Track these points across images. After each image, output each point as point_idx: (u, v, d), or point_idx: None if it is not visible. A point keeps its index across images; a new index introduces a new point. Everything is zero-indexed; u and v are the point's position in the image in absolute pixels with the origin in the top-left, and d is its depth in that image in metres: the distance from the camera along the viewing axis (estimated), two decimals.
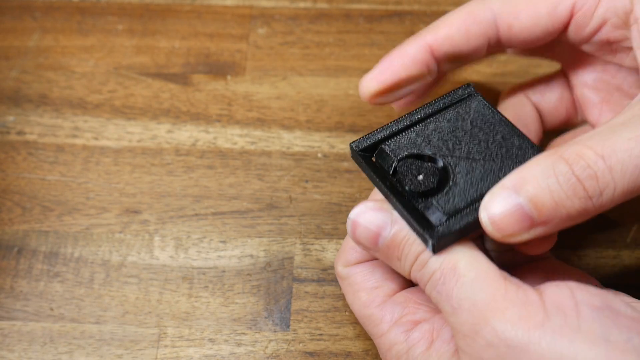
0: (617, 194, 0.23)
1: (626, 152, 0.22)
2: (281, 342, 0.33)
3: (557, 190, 0.23)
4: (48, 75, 0.41)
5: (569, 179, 0.23)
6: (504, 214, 0.24)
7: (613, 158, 0.23)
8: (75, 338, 0.34)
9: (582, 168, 0.23)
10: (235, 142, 0.39)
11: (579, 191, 0.23)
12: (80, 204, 0.37)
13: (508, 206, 0.23)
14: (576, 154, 0.23)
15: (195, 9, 0.43)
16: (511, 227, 0.24)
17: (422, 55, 0.29)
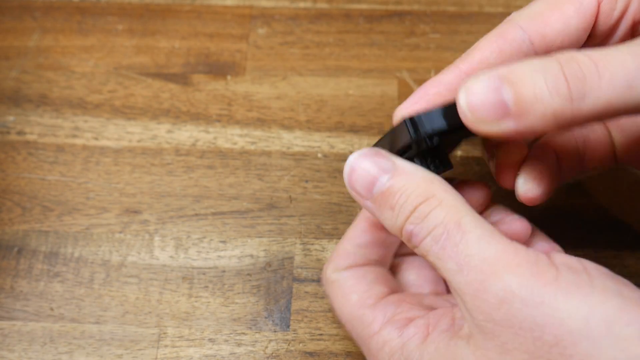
0: (599, 103, 0.22)
1: (620, 64, 0.22)
2: (281, 342, 0.33)
3: (541, 84, 0.22)
4: (48, 75, 0.41)
5: (557, 75, 0.22)
6: (482, 94, 0.23)
7: (606, 66, 0.22)
8: (75, 338, 0.34)
9: (572, 69, 0.22)
10: (235, 142, 0.39)
11: (563, 89, 0.22)
12: (80, 204, 0.37)
13: (488, 87, 0.23)
14: (571, 56, 0.22)
15: (195, 9, 0.43)
16: (485, 111, 0.23)
17: (458, 82, 0.28)
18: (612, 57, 0.22)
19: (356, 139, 0.39)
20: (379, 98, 0.40)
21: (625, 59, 0.22)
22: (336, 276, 0.30)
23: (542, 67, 0.22)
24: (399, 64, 0.41)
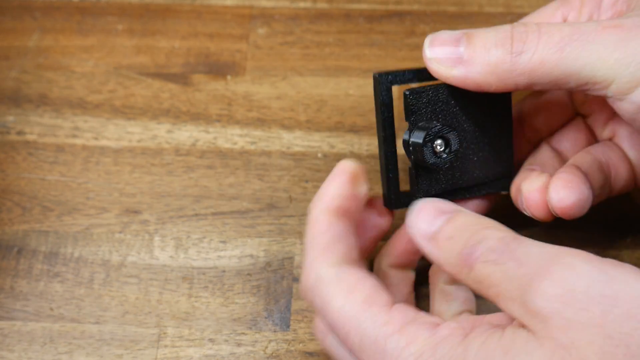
0: (533, 60, 0.26)
1: (559, 30, 0.26)
2: (281, 342, 0.33)
3: (492, 37, 0.27)
4: (48, 75, 0.41)
5: (505, 33, 0.27)
6: (444, 40, 0.28)
7: (547, 31, 0.26)
8: (75, 338, 0.34)
9: (519, 30, 0.26)
10: (235, 142, 0.39)
11: (506, 43, 0.26)
12: (80, 204, 0.37)
13: (450, 37, 0.27)
14: (524, 22, 0.27)
15: (195, 9, 0.43)
16: (443, 55, 0.27)
17: None
18: (556, 25, 0.26)
19: (356, 139, 0.39)
20: None
21: (564, 28, 0.26)
22: (334, 271, 0.27)
23: (498, 27, 0.27)
24: (399, 64, 0.41)
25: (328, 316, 0.26)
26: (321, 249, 0.27)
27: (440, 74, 0.28)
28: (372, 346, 0.25)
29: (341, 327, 0.25)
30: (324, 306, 0.26)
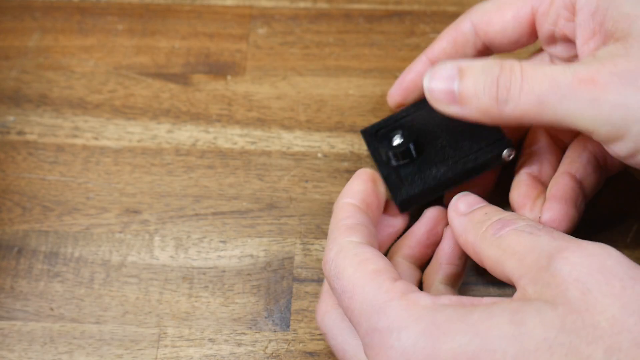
0: (517, 110, 0.27)
1: (539, 82, 0.27)
2: (281, 342, 0.33)
3: (480, 83, 0.28)
4: (48, 75, 0.41)
5: (492, 80, 0.27)
6: (439, 80, 0.29)
7: (527, 81, 0.27)
8: (76, 338, 0.34)
9: (504, 77, 0.27)
10: (235, 142, 0.39)
11: (493, 92, 0.27)
12: (80, 204, 0.37)
13: (446, 76, 0.29)
14: (510, 66, 0.27)
15: (195, 9, 0.43)
16: (440, 94, 0.29)
17: (425, 69, 0.33)
18: (538, 74, 0.27)
19: (356, 139, 0.39)
20: (379, 98, 0.40)
21: (544, 79, 0.27)
22: (354, 245, 0.28)
23: (487, 69, 0.28)
24: (399, 64, 0.41)
25: (339, 284, 0.27)
26: (345, 229, 0.29)
27: (438, 109, 0.29)
28: (370, 309, 0.25)
29: (347, 292, 0.26)
30: (337, 275, 0.27)
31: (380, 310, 0.25)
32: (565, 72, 0.26)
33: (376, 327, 0.25)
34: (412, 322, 0.24)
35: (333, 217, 0.30)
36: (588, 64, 0.27)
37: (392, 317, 0.25)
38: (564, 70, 0.27)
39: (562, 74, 0.27)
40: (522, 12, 0.32)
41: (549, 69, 0.27)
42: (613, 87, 0.25)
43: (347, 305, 0.26)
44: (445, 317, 0.24)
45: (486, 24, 0.33)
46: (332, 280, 0.28)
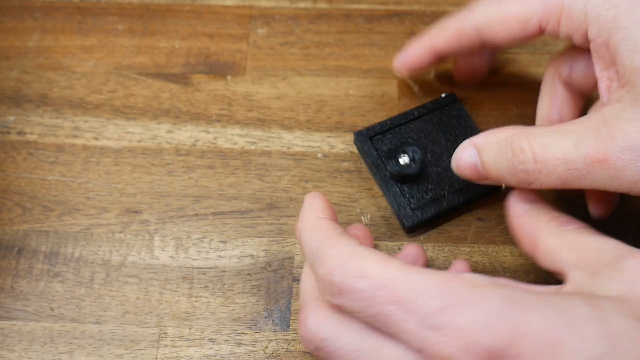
0: (544, 187, 0.29)
1: (556, 168, 0.28)
2: (281, 342, 0.34)
3: (502, 168, 0.29)
4: (48, 75, 0.41)
5: (510, 165, 0.29)
6: (464, 165, 0.31)
7: (543, 164, 0.28)
8: (76, 338, 0.34)
9: (519, 162, 0.28)
10: (236, 142, 0.39)
11: (515, 176, 0.29)
12: (80, 204, 0.37)
13: (468, 161, 0.31)
14: (520, 148, 0.28)
15: (195, 9, 0.43)
16: (468, 174, 0.31)
17: (428, 54, 0.36)
18: (550, 157, 0.28)
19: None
20: (379, 98, 0.40)
21: (558, 163, 0.27)
22: (360, 247, 0.27)
23: (504, 149, 0.29)
24: None
25: (366, 283, 0.25)
26: (339, 236, 0.28)
27: (471, 180, 0.32)
28: (428, 292, 0.24)
29: (388, 285, 0.25)
30: (360, 275, 0.26)
31: (443, 291, 0.24)
32: (577, 149, 0.27)
33: (442, 307, 0.24)
34: (487, 298, 0.24)
35: (313, 234, 0.29)
36: (597, 136, 0.27)
37: (460, 294, 0.24)
38: (576, 147, 0.27)
39: (574, 153, 0.27)
40: (530, 27, 0.31)
41: (559, 150, 0.27)
42: (627, 164, 0.26)
43: (388, 298, 0.25)
44: (519, 294, 0.24)
45: (492, 31, 0.32)
46: (350, 282, 0.26)
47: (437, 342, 0.23)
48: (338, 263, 0.26)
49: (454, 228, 0.36)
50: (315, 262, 0.27)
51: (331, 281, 0.26)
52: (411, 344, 0.24)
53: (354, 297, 0.25)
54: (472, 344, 0.23)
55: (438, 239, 0.36)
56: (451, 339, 0.23)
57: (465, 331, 0.23)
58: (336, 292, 0.26)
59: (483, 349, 0.23)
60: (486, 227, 0.36)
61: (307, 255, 0.28)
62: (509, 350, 0.23)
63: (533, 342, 0.23)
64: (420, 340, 0.24)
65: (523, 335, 0.23)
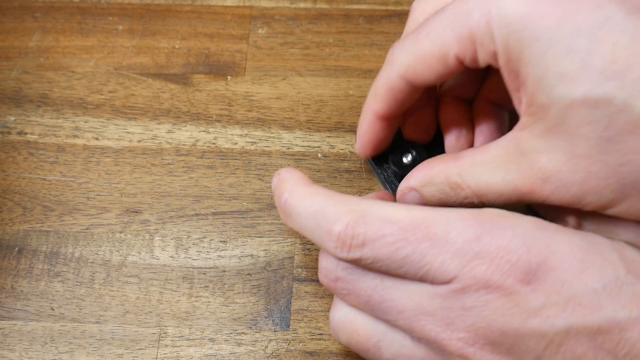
0: (479, 205, 0.29)
1: (493, 194, 0.28)
2: (281, 341, 0.34)
3: (447, 201, 0.30)
4: (49, 76, 0.41)
5: (456, 200, 0.30)
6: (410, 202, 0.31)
7: (484, 196, 0.29)
8: (76, 338, 0.34)
9: (463, 197, 0.29)
10: (236, 142, 0.39)
11: (463, 204, 0.29)
12: (80, 204, 0.37)
13: (412, 201, 0.31)
14: (457, 185, 0.29)
15: (196, 9, 0.44)
16: None
17: (377, 124, 0.33)
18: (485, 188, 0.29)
19: None
20: None
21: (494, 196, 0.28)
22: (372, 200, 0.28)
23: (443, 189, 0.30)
24: None
25: (395, 227, 0.26)
26: (344, 195, 0.28)
27: None
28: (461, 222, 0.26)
29: (421, 223, 0.26)
30: (387, 222, 0.26)
31: (476, 221, 0.26)
32: (506, 185, 0.28)
33: (479, 234, 0.25)
34: (518, 223, 0.26)
35: (309, 198, 0.28)
36: (519, 169, 0.27)
37: (493, 222, 0.26)
38: (505, 182, 0.28)
39: (505, 188, 0.28)
40: (450, 63, 0.29)
41: (493, 186, 0.28)
42: (550, 193, 0.27)
43: (423, 235, 0.26)
44: (543, 222, 0.26)
45: (416, 76, 0.31)
46: (376, 229, 0.26)
47: (474, 266, 0.25)
48: (358, 214, 0.26)
49: None
50: (323, 222, 0.27)
51: (353, 234, 0.26)
52: (443, 275, 0.25)
53: (381, 244, 0.26)
54: (512, 262, 0.24)
55: None
56: (490, 260, 0.25)
57: (505, 251, 0.25)
58: (357, 245, 0.26)
59: (522, 265, 0.24)
60: None
61: (304, 222, 0.28)
62: (544, 265, 0.25)
63: (564, 258, 0.25)
64: (455, 269, 0.25)
65: (555, 252, 0.25)
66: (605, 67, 0.24)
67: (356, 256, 0.26)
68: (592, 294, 0.24)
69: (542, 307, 0.24)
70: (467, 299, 0.25)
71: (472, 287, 0.25)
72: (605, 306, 0.24)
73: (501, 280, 0.24)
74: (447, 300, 0.25)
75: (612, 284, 0.24)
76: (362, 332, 0.28)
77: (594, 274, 0.25)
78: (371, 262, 0.26)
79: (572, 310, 0.24)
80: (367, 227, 0.26)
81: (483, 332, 0.25)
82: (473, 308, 0.25)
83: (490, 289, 0.25)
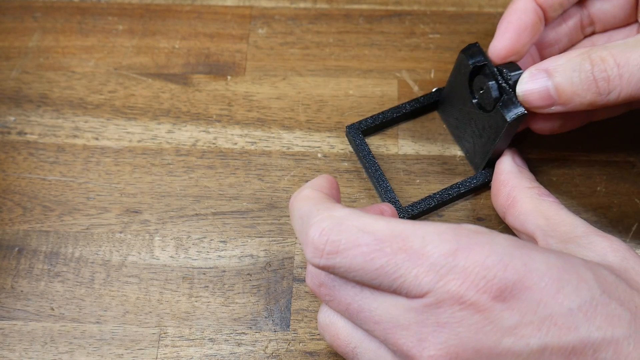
0: (621, 96, 0.29)
1: (636, 65, 0.29)
2: (281, 341, 0.34)
3: (578, 83, 0.30)
4: (48, 76, 0.41)
5: (588, 77, 0.29)
6: (534, 92, 0.31)
7: (625, 68, 0.29)
8: (76, 338, 0.34)
9: (600, 70, 0.29)
10: (236, 142, 0.39)
11: (593, 88, 0.29)
12: (80, 204, 0.37)
13: (539, 86, 0.31)
14: (600, 58, 0.29)
15: (196, 9, 0.44)
16: (537, 102, 0.31)
17: (530, 5, 0.34)
18: (631, 57, 0.29)
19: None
20: (379, 98, 0.40)
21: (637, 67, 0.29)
22: (352, 209, 0.27)
23: (579, 65, 0.30)
24: (398, 64, 0.41)
25: (371, 237, 0.25)
26: (333, 202, 0.27)
27: (539, 111, 0.32)
28: (438, 236, 0.25)
29: (396, 236, 0.25)
30: (363, 231, 0.25)
31: (453, 237, 0.25)
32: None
33: (455, 249, 0.25)
34: (495, 240, 0.25)
35: (304, 201, 0.28)
36: None
37: (470, 238, 0.25)
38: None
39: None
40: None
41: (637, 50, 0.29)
42: None
43: (398, 247, 0.25)
44: (519, 240, 0.26)
45: None
46: (352, 237, 0.25)
47: (448, 280, 0.24)
48: (335, 221, 0.26)
49: None
50: (305, 225, 0.26)
51: (327, 240, 0.25)
52: (417, 289, 0.25)
53: (355, 253, 0.25)
54: (487, 279, 0.24)
55: None
56: (465, 276, 0.24)
57: (481, 267, 0.24)
58: (331, 252, 0.25)
59: (498, 282, 0.24)
60: (486, 226, 0.36)
61: (295, 223, 0.28)
62: (520, 283, 0.24)
63: (540, 277, 0.24)
64: (429, 283, 0.24)
65: (532, 270, 0.24)
66: None
67: (329, 263, 0.25)
68: (568, 314, 0.24)
69: (517, 325, 0.24)
70: (441, 314, 0.24)
71: (446, 302, 0.24)
72: (580, 326, 0.24)
73: (476, 297, 0.24)
74: (421, 315, 0.25)
75: (587, 304, 0.24)
76: (342, 337, 0.29)
77: (570, 293, 0.24)
78: (344, 270, 0.25)
79: (547, 329, 0.24)
80: (343, 235, 0.25)
81: (455, 350, 0.24)
82: (447, 324, 0.24)
83: (464, 305, 0.24)
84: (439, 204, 0.36)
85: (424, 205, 0.35)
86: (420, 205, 0.35)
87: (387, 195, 0.36)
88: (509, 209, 0.32)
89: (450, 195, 0.36)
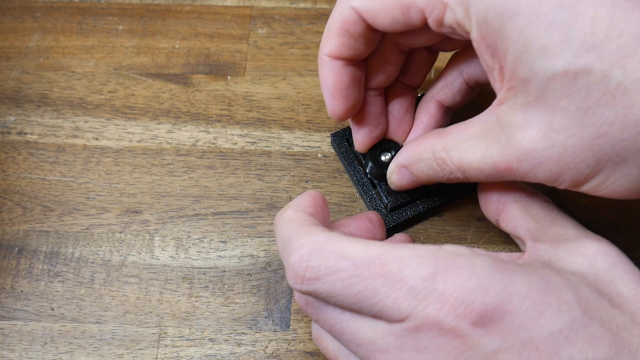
0: (464, 180, 0.30)
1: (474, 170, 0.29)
2: (281, 341, 0.34)
3: (435, 177, 0.31)
4: (48, 76, 0.41)
5: (442, 175, 0.31)
6: (404, 184, 0.33)
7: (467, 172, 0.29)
8: (76, 338, 0.34)
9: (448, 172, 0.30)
10: (236, 142, 0.39)
11: (450, 179, 0.31)
12: (80, 204, 0.37)
13: (406, 180, 0.33)
14: (442, 161, 0.30)
15: (196, 10, 0.44)
16: (407, 187, 0.34)
17: (335, 65, 0.32)
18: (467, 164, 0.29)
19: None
20: None
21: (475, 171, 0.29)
22: (330, 233, 0.27)
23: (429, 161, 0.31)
24: None
25: (349, 263, 0.25)
26: (313, 226, 0.27)
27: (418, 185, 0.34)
28: (418, 259, 0.25)
29: (377, 259, 0.25)
30: (341, 257, 0.25)
31: (431, 259, 0.25)
32: (485, 161, 0.28)
33: (434, 272, 0.24)
34: (474, 263, 0.25)
35: (286, 224, 0.28)
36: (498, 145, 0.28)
37: (448, 261, 0.25)
38: (484, 158, 0.28)
39: (485, 164, 0.28)
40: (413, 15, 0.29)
41: (474, 162, 0.29)
42: (526, 171, 0.27)
43: (376, 272, 0.25)
44: (500, 262, 0.25)
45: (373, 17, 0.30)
46: (330, 264, 0.25)
47: (427, 305, 0.24)
48: (314, 247, 0.26)
49: (454, 228, 0.36)
50: (286, 250, 0.26)
51: (306, 266, 0.25)
52: (396, 313, 0.24)
53: (334, 279, 0.25)
54: (467, 303, 0.24)
55: (438, 239, 0.36)
56: (444, 300, 0.24)
57: (460, 291, 0.24)
58: (311, 278, 0.25)
59: (478, 307, 0.24)
60: (486, 227, 0.36)
61: (278, 245, 0.28)
62: (500, 308, 0.24)
63: (521, 301, 0.24)
64: (408, 307, 0.24)
65: (512, 294, 0.24)
66: (585, 39, 0.24)
67: (310, 289, 0.26)
68: (549, 338, 0.24)
69: (497, 351, 0.24)
70: (420, 339, 0.24)
71: (424, 327, 0.24)
72: (562, 350, 0.24)
73: (454, 322, 0.23)
74: (400, 339, 0.25)
75: (568, 327, 0.24)
76: (330, 350, 0.29)
77: (550, 316, 0.24)
78: (325, 296, 0.25)
79: (528, 354, 0.23)
80: (322, 261, 0.25)
81: None
82: (426, 349, 0.24)
83: (443, 331, 0.24)
84: (424, 211, 0.36)
85: (410, 212, 0.35)
86: (407, 212, 0.35)
87: (372, 204, 0.36)
88: (499, 216, 0.32)
89: (437, 202, 0.36)
